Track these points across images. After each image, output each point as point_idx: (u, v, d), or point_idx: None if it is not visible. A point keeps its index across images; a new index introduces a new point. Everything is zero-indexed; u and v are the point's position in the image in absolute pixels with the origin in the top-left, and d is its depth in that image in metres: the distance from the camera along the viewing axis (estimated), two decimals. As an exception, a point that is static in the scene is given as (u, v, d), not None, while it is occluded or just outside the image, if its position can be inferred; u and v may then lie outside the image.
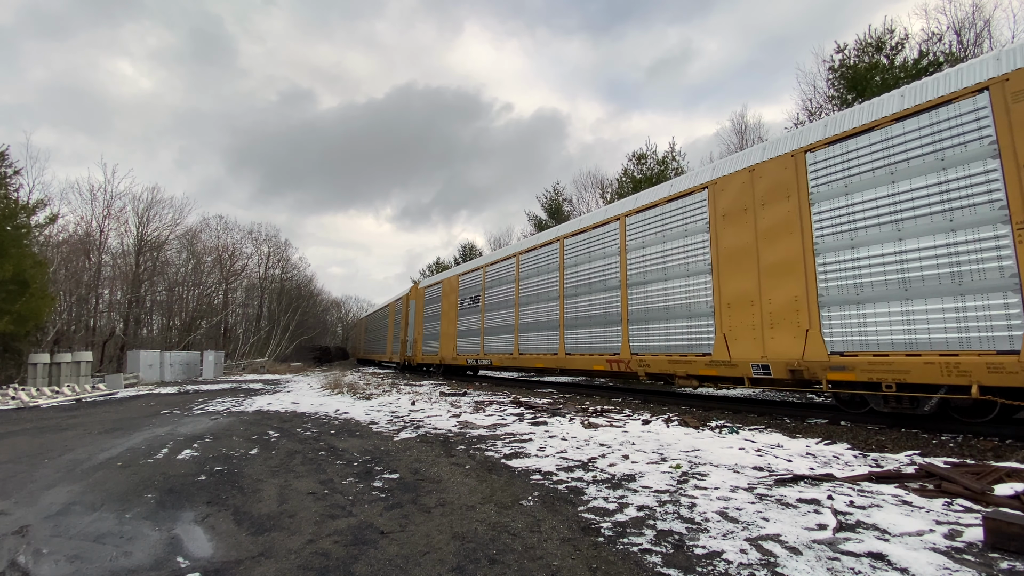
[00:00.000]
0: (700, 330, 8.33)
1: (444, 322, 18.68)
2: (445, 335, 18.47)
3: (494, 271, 15.61)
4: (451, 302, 18.26)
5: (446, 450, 5.63)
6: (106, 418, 9.29)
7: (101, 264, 26.94)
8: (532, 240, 13.98)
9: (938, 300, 5.59)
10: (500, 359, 14.64)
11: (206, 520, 3.49)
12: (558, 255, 12.32)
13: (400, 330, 24.94)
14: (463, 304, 17.38)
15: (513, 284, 14.30)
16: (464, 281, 17.64)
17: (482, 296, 16.07)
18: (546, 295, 12.69)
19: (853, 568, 2.47)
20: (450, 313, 18.26)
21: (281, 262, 43.92)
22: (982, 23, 16.10)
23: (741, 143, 23.89)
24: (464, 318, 17.20)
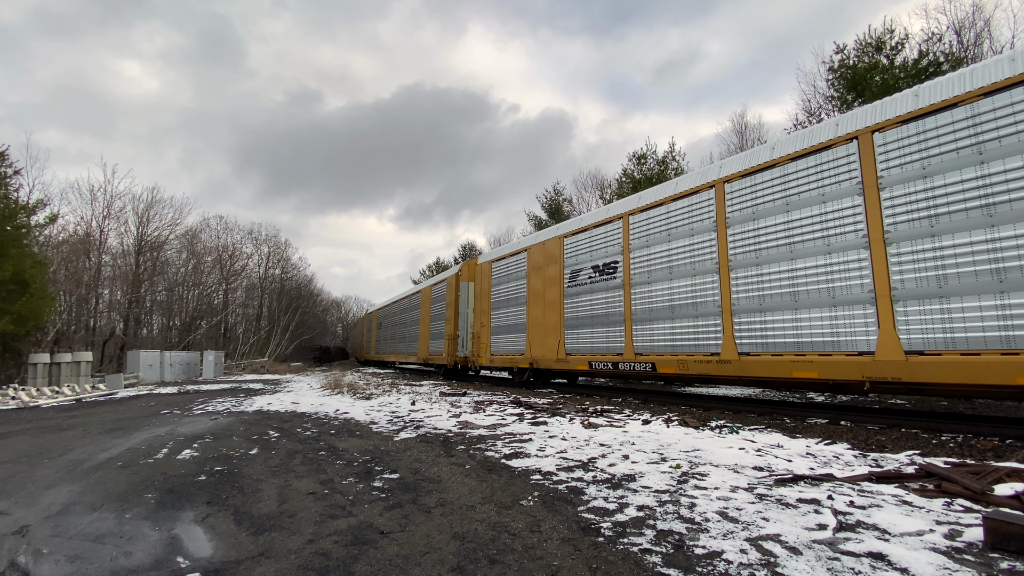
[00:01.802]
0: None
1: (534, 307, 13.30)
2: (538, 325, 13.07)
3: (649, 222, 9.86)
4: (549, 277, 12.82)
5: (446, 450, 5.63)
6: (106, 418, 9.29)
7: (101, 264, 26.94)
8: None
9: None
10: (697, 364, 8.52)
11: (206, 520, 3.49)
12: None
13: (446, 323, 18.71)
14: (576, 279, 11.84)
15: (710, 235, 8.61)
16: (576, 244, 11.97)
17: (624, 261, 10.31)
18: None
19: (853, 568, 2.47)
20: (548, 293, 12.75)
21: (281, 262, 43.94)
22: (982, 23, 16.11)
23: (741, 143, 23.89)
24: (577, 299, 11.72)
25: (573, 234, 12.23)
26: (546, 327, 12.69)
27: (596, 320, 11.12)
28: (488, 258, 16.53)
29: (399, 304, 28.31)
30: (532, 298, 13.47)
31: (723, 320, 8.26)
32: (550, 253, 12.96)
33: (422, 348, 22.18)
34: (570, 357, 11.77)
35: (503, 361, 14.76)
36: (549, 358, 12.52)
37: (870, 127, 6.66)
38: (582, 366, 11.42)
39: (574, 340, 11.77)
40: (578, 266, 11.86)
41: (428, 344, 21.27)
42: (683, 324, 8.98)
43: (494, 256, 16.08)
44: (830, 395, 10.75)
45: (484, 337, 15.82)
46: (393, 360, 28.50)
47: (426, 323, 21.99)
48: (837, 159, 7.00)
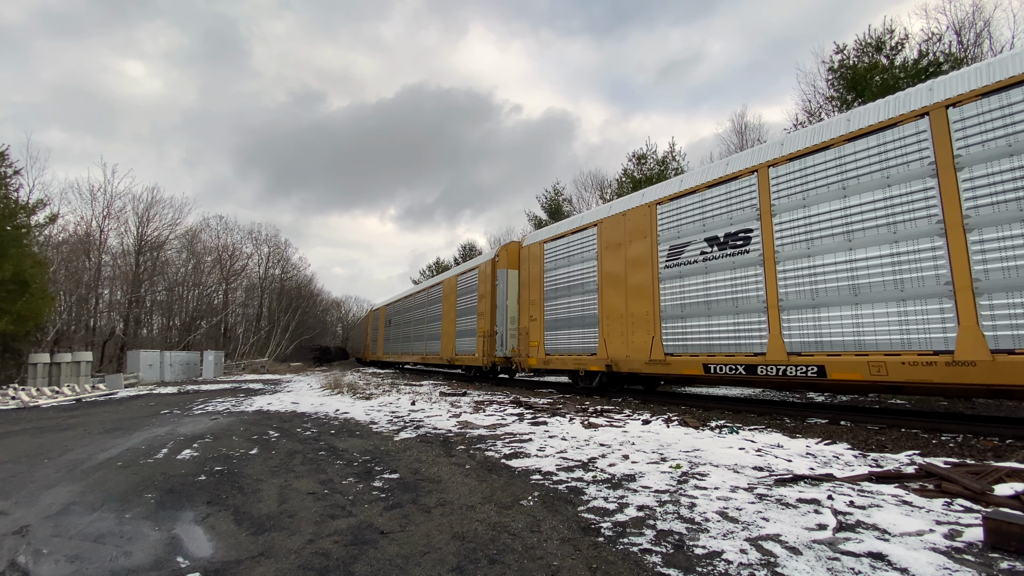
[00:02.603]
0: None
1: (610, 295, 10.46)
2: (616, 318, 10.22)
3: (806, 173, 7.33)
4: (634, 256, 9.98)
5: (446, 450, 5.63)
6: (106, 418, 9.29)
7: (101, 264, 26.94)
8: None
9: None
10: (908, 368, 6.07)
11: (206, 520, 3.49)
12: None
13: (479, 318, 15.91)
14: (678, 256, 9.07)
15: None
16: (676, 211, 9.20)
17: (763, 229, 7.76)
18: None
19: (853, 568, 2.47)
20: (633, 276, 9.95)
21: (281, 262, 43.99)
22: (982, 23, 16.11)
23: (741, 143, 23.89)
24: (680, 282, 8.96)
25: (672, 199, 9.26)
26: (631, 320, 9.84)
27: (715, 308, 8.28)
28: (538, 238, 13.42)
29: (414, 298, 24.57)
30: (607, 284, 10.55)
31: (957, 303, 5.73)
32: (634, 226, 10.05)
33: (446, 347, 18.93)
34: (672, 358, 8.88)
35: (563, 363, 11.70)
36: (637, 359, 9.55)
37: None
38: (691, 370, 8.53)
39: (677, 336, 8.90)
40: (680, 240, 8.99)
41: (453, 343, 18.14)
42: (877, 310, 6.37)
43: (547, 235, 12.99)
44: (830, 395, 10.75)
45: (534, 333, 12.89)
46: (407, 361, 24.99)
47: (450, 319, 18.83)
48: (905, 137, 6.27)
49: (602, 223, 11.04)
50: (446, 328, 19.27)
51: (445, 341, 19.29)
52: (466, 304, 17.39)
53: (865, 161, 6.74)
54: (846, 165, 6.91)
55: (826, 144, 7.17)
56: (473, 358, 16.25)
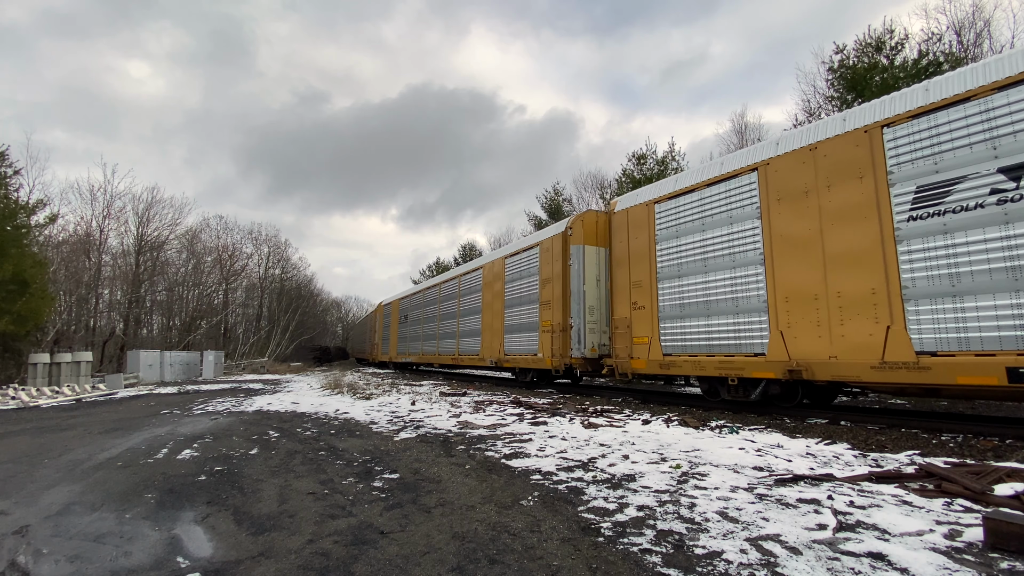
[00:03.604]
0: None
1: (789, 267, 7.38)
2: (805, 301, 7.15)
3: None
4: (835, 209, 6.93)
5: (446, 450, 5.63)
6: (106, 418, 9.29)
7: (101, 264, 26.95)
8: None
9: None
10: None
11: (206, 520, 3.49)
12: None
13: (542, 308, 12.64)
14: (944, 197, 5.92)
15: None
16: (932, 135, 6.07)
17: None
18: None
19: (853, 568, 2.47)
20: (834, 238, 6.90)
21: (281, 262, 44.02)
22: (982, 23, 16.12)
23: (741, 143, 23.90)
24: (948, 239, 5.86)
25: (918, 115, 6.20)
26: (836, 302, 6.70)
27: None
28: (642, 198, 10.05)
29: (440, 289, 20.91)
30: (781, 251, 7.43)
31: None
32: (835, 163, 6.88)
33: (490, 346, 15.42)
34: (934, 360, 5.78)
35: (696, 367, 8.52)
36: (853, 361, 6.47)
37: None
38: (981, 377, 5.40)
39: (944, 322, 5.77)
40: (942, 174, 5.88)
41: (501, 340, 14.69)
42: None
43: (658, 193, 9.67)
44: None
45: (640, 326, 9.60)
46: (427, 362, 21.66)
47: (494, 311, 15.33)
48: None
49: (768, 165, 7.70)
50: (488, 323, 15.71)
51: (488, 339, 15.67)
52: (520, 292, 13.95)
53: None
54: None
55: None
56: (535, 359, 12.78)
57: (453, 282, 19.56)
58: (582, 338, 11.29)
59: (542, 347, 12.57)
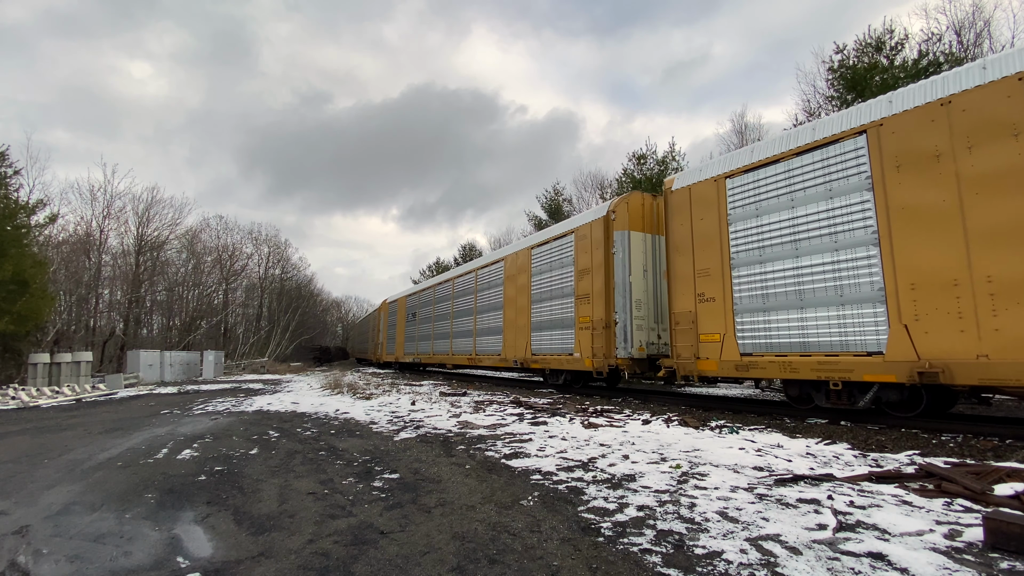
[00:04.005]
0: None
1: (919, 245, 6.06)
2: (939, 285, 5.88)
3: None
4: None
5: (446, 450, 5.63)
6: (106, 418, 9.29)
7: (101, 264, 26.95)
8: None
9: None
10: None
11: (206, 520, 3.49)
12: None
13: (578, 303, 11.42)
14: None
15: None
16: None
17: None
18: None
19: (853, 568, 2.47)
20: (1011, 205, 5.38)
21: (281, 262, 44.01)
22: (982, 23, 16.12)
23: (741, 143, 23.90)
24: None
25: None
26: (993, 287, 5.47)
27: None
28: (708, 173, 8.58)
29: (453, 285, 19.44)
30: (904, 228, 6.17)
31: None
32: (981, 119, 5.70)
33: (514, 344, 14.05)
34: None
35: (787, 368, 7.17)
36: (1019, 361, 5.21)
37: None
38: None
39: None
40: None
41: (528, 339, 13.32)
42: None
43: (729, 167, 8.23)
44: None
45: (710, 320, 8.18)
46: (441, 363, 20.32)
47: (518, 306, 13.96)
48: None
49: (881, 126, 6.45)
50: (512, 320, 14.32)
51: (511, 337, 14.29)
52: (551, 285, 12.54)
53: None
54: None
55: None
56: (570, 360, 11.48)
57: (469, 276, 18.12)
58: (628, 336, 10.03)
59: (579, 346, 11.19)
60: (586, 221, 11.58)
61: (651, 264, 10.64)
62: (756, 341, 7.60)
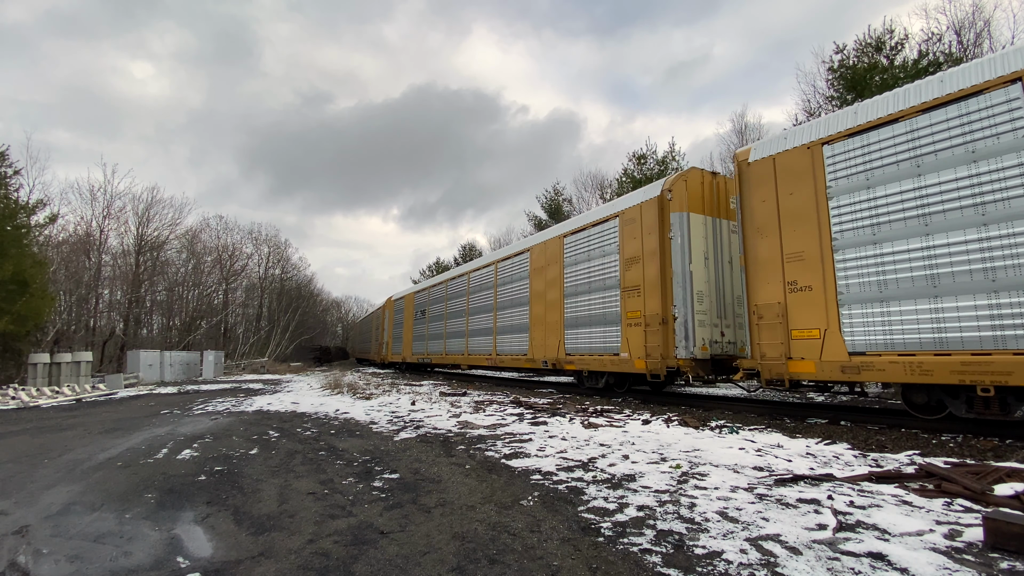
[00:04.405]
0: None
1: None
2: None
3: None
4: None
5: (446, 450, 5.63)
6: (106, 418, 9.29)
7: (101, 264, 26.95)
8: None
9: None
10: None
11: (206, 520, 3.49)
12: None
13: (624, 297, 10.24)
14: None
15: None
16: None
17: None
18: None
19: (853, 568, 2.47)
20: None
21: (281, 262, 44.02)
22: (982, 23, 16.12)
23: (741, 143, 23.90)
24: None
25: None
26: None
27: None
28: (798, 140, 7.34)
29: (466, 279, 18.21)
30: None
31: None
32: None
33: (543, 344, 12.81)
34: None
35: (919, 371, 5.89)
36: None
37: None
38: None
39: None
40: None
41: (560, 337, 12.03)
42: None
43: (826, 131, 7.04)
44: (830, 395, 10.75)
45: (807, 313, 6.93)
46: (454, 364, 19.00)
47: (548, 301, 12.70)
48: None
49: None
50: (540, 316, 13.03)
51: (539, 335, 12.99)
52: (590, 276, 11.26)
53: None
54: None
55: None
56: (616, 361, 10.20)
57: (487, 270, 16.61)
58: (690, 333, 8.85)
59: (628, 345, 9.93)
60: (634, 203, 10.31)
61: (712, 251, 9.50)
62: (871, 338, 6.32)
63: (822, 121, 7.28)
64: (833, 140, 6.93)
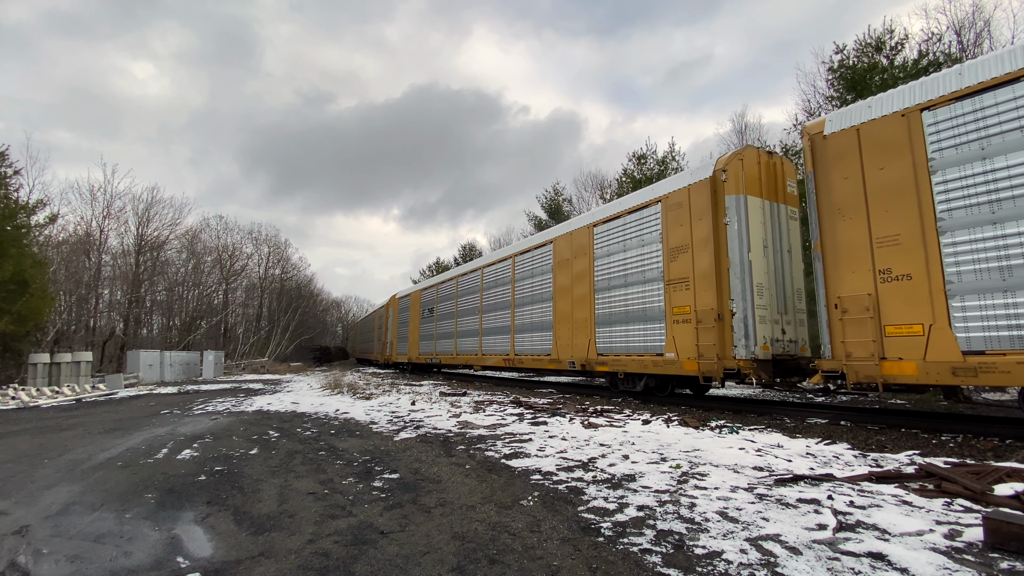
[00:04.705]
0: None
1: None
2: None
3: None
4: None
5: (446, 450, 5.63)
6: (106, 418, 9.29)
7: (101, 264, 26.94)
8: None
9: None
10: None
11: (206, 520, 3.49)
12: None
13: (676, 289, 9.13)
14: None
15: None
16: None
17: None
18: None
19: (853, 568, 2.47)
20: None
21: (281, 262, 44.04)
22: (982, 23, 16.11)
23: (741, 143, 23.91)
24: None
25: None
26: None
27: None
28: (888, 107, 6.48)
29: (482, 274, 16.94)
30: None
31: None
32: None
33: (569, 343, 11.72)
34: None
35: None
36: None
37: None
38: None
39: None
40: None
41: (591, 335, 10.94)
42: None
43: (926, 95, 6.14)
44: (830, 395, 10.75)
45: (904, 306, 6.06)
46: (467, 364, 17.72)
47: (574, 297, 11.67)
48: None
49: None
50: (566, 313, 11.94)
51: (565, 333, 11.91)
52: (626, 268, 10.24)
53: None
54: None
55: None
56: (660, 362, 9.15)
57: (503, 264, 15.54)
58: (751, 330, 7.86)
59: (674, 344, 8.92)
60: (680, 186, 9.30)
61: (771, 238, 8.53)
62: (992, 334, 5.38)
63: (918, 85, 6.36)
64: (935, 105, 5.98)
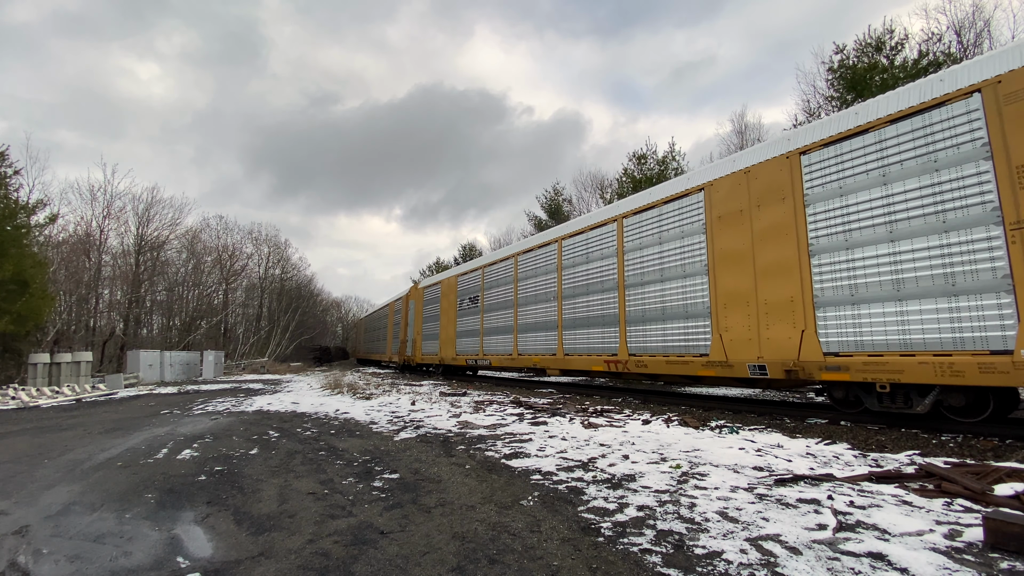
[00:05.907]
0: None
1: None
2: None
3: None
4: None
5: (446, 450, 5.63)
6: (106, 418, 9.29)
7: (101, 264, 26.95)
8: None
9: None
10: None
11: (206, 520, 3.49)
12: None
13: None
14: None
15: None
16: None
17: None
18: None
19: (853, 568, 2.47)
20: None
21: (281, 262, 44.03)
22: (982, 23, 16.11)
23: (741, 143, 23.91)
24: None
25: None
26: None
27: None
28: None
29: (557, 248, 12.60)
30: None
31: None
32: None
33: (747, 336, 7.56)
34: None
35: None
36: None
37: None
38: None
39: None
40: None
41: (805, 322, 6.79)
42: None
43: None
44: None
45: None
46: (530, 367, 13.55)
47: (756, 267, 7.53)
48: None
49: None
50: (735, 291, 7.89)
51: (739, 323, 7.75)
52: (870, 214, 6.22)
53: None
54: None
55: None
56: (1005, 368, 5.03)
57: (603, 231, 11.02)
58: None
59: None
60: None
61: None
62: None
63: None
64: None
